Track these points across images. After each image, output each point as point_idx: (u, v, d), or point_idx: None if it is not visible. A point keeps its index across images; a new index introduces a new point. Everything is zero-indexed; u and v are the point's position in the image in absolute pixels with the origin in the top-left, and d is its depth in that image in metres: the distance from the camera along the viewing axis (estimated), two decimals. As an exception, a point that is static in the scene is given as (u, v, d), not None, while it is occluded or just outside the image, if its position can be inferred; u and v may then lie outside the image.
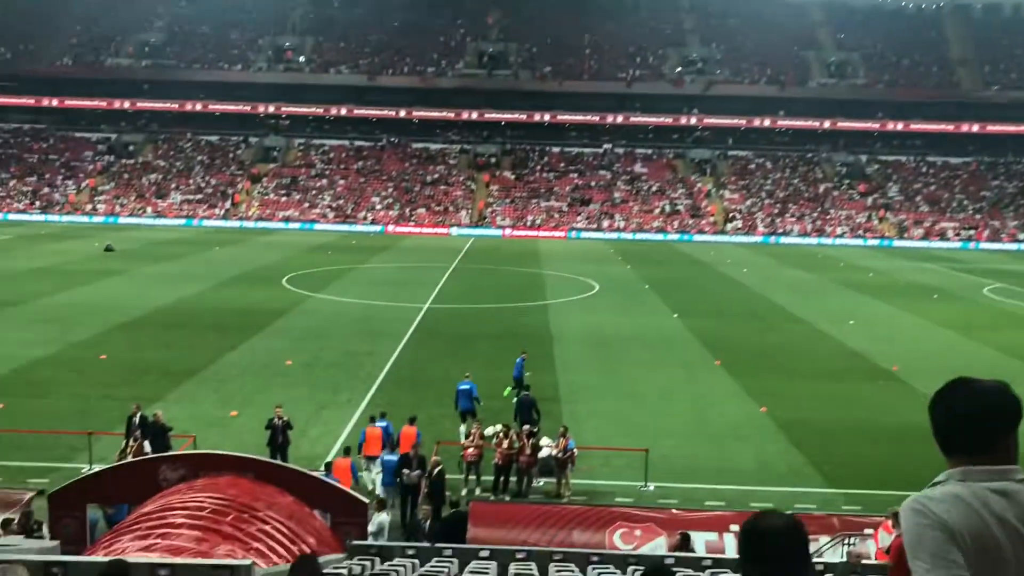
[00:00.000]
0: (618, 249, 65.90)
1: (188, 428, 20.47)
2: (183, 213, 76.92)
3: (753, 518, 2.82)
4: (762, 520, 2.79)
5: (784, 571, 2.71)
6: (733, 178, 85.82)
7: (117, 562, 4.66)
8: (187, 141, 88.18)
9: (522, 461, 17.83)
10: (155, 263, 49.61)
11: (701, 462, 20.01)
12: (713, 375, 27.65)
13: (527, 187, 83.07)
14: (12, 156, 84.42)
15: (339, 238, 68.30)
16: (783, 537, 2.73)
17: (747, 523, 2.81)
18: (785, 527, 2.75)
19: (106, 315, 33.88)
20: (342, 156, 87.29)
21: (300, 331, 32.31)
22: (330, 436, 20.72)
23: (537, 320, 35.87)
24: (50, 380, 24.89)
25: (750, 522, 2.80)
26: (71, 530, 12.95)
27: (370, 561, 10.60)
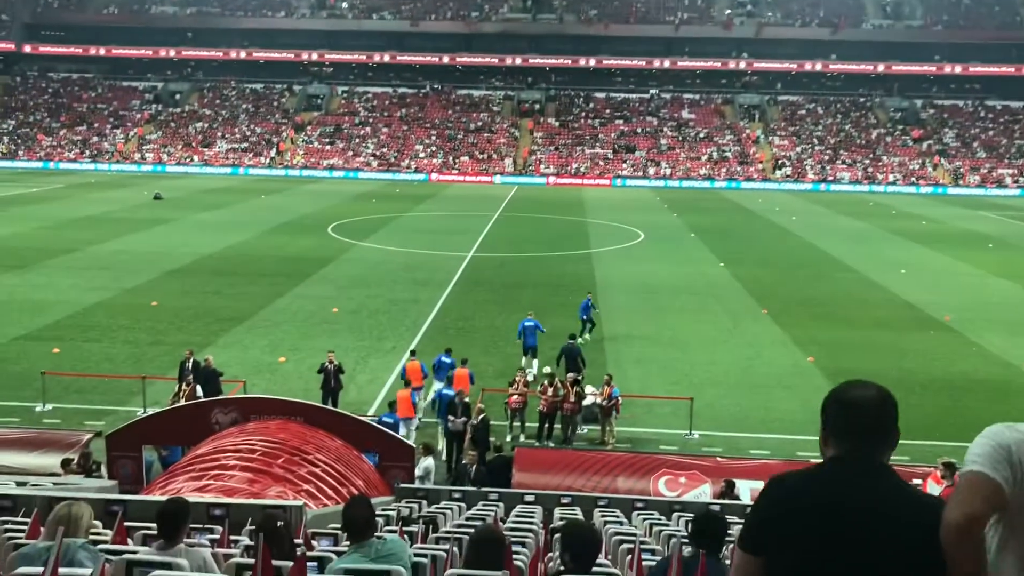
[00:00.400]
0: (664, 197, 65.13)
1: (238, 373, 20.86)
2: (229, 162, 77.55)
3: (843, 387, 2.67)
4: (854, 390, 2.64)
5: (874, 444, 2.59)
6: (783, 124, 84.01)
7: (177, 500, 4.75)
8: (232, 89, 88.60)
9: (566, 408, 17.90)
10: (203, 211, 50.22)
11: (746, 411, 19.92)
12: (759, 324, 27.38)
13: (571, 134, 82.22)
14: (62, 105, 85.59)
15: (383, 186, 68.43)
16: (875, 408, 2.60)
17: (838, 393, 2.66)
18: (878, 397, 2.61)
19: (156, 262, 34.47)
20: (385, 104, 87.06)
21: (346, 279, 32.58)
22: (377, 383, 20.96)
23: (582, 269, 35.73)
24: (104, 325, 25.45)
25: (840, 392, 2.66)
26: (128, 470, 13.34)
27: (417, 504, 10.76)
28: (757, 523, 2.60)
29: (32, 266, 33.28)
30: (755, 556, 2.55)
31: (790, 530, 2.50)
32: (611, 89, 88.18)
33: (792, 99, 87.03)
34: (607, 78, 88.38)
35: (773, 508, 2.58)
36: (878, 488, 2.54)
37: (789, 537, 2.49)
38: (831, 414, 2.66)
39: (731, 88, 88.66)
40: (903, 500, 2.55)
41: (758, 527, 2.58)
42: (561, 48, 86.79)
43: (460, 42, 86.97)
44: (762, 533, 2.56)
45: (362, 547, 4.64)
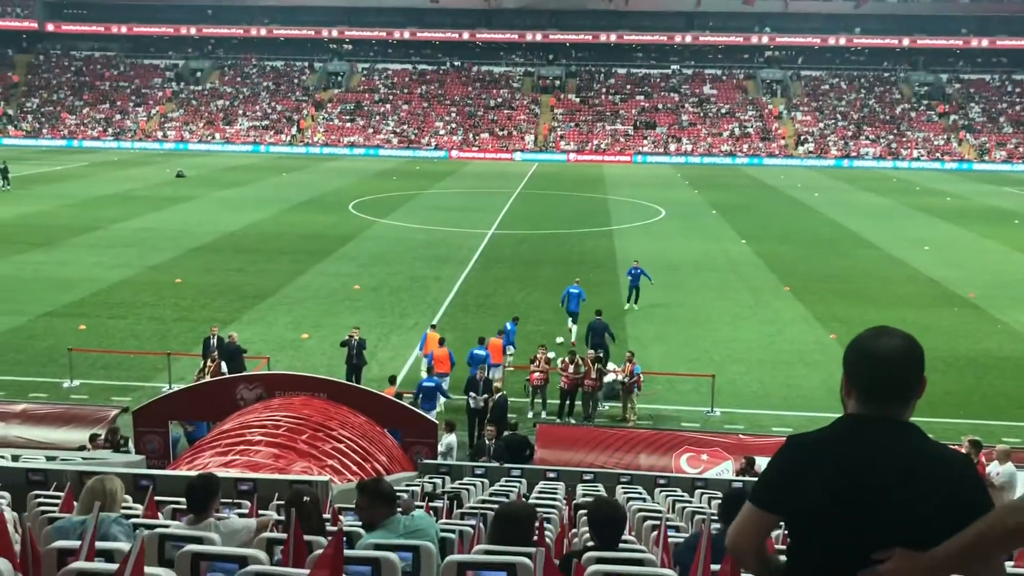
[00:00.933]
0: (685, 173, 64.73)
1: (261, 349, 21.04)
2: (250, 139, 77.77)
3: (867, 336, 2.54)
4: (879, 340, 2.51)
5: (899, 398, 2.50)
6: (805, 99, 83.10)
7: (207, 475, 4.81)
8: (252, 67, 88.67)
9: (587, 385, 17.93)
10: (225, 189, 50.45)
11: (768, 388, 19.88)
12: (781, 301, 27.24)
13: (592, 110, 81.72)
14: (85, 84, 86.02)
15: (403, 163, 68.41)
16: (901, 360, 2.48)
17: (861, 343, 2.53)
18: (904, 347, 2.50)
19: (179, 239, 34.72)
20: (405, 80, 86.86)
21: (367, 256, 32.68)
22: (399, 360, 21.07)
23: (602, 245, 35.65)
24: (128, 302, 25.70)
25: (864, 342, 2.53)
26: (155, 445, 13.52)
27: (441, 479, 10.84)
28: (776, 480, 2.54)
29: (57, 244, 33.60)
30: (768, 512, 2.53)
31: (811, 489, 2.45)
32: (632, 65, 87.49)
33: (815, 74, 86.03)
34: (628, 54, 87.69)
35: (794, 465, 2.51)
36: (902, 445, 2.48)
37: (809, 496, 2.44)
38: (854, 365, 2.56)
39: (753, 63, 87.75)
40: (928, 457, 2.47)
41: (777, 484, 2.53)
42: (581, 24, 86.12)
43: (480, 18, 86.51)
44: (780, 490, 2.51)
45: (390, 523, 4.69)
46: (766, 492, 2.55)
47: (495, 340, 19.30)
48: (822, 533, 2.44)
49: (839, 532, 2.42)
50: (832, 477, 2.42)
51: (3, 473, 8.37)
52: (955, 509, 2.37)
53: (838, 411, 7.55)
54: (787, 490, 2.48)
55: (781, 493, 2.50)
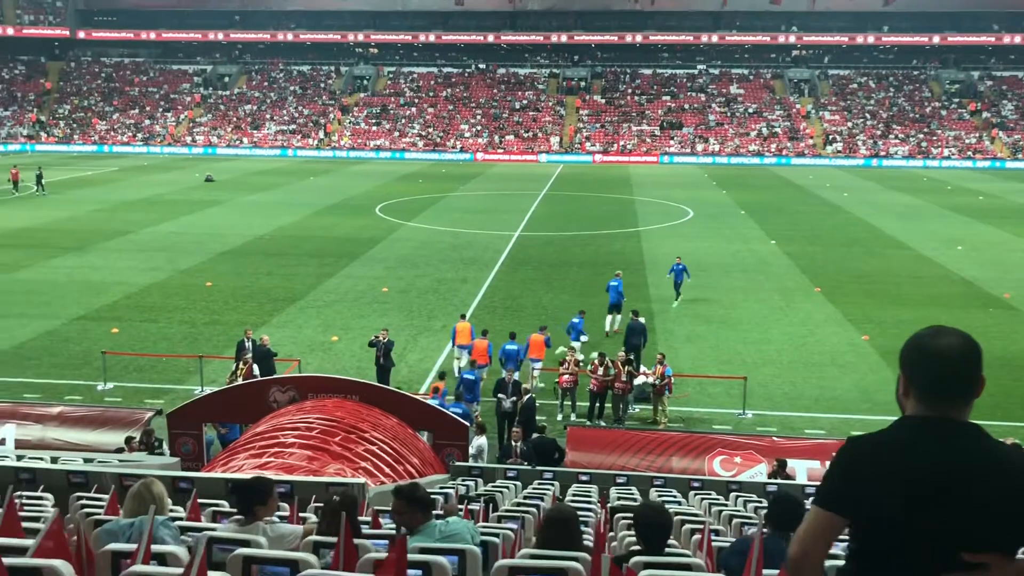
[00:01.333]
0: (712, 174, 64.37)
1: (292, 352, 21.16)
2: (278, 143, 78.36)
3: (927, 335, 2.52)
4: (939, 339, 2.50)
5: (959, 398, 2.48)
6: (834, 98, 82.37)
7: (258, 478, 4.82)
8: (279, 72, 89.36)
9: (617, 387, 17.84)
10: (253, 192, 50.85)
11: (800, 390, 19.70)
12: (812, 302, 27.00)
13: (618, 111, 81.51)
14: (115, 90, 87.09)
15: (429, 166, 68.61)
16: (961, 359, 2.47)
17: (921, 341, 2.50)
18: (964, 346, 2.49)
19: (210, 243, 35.03)
20: (430, 84, 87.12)
21: (395, 259, 32.79)
22: (428, 361, 21.11)
23: (630, 247, 35.52)
24: (160, 306, 25.96)
25: (924, 340, 2.50)
26: (189, 448, 13.63)
27: (473, 482, 10.83)
28: (843, 482, 2.50)
29: (89, 248, 34.02)
30: (835, 515, 2.50)
31: (881, 491, 2.41)
32: (658, 65, 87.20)
33: (843, 73, 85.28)
34: (653, 54, 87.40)
35: (860, 467, 2.48)
36: (970, 446, 2.45)
37: (880, 498, 2.41)
38: (915, 365, 2.53)
39: (780, 63, 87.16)
40: (996, 456, 2.45)
41: (844, 486, 2.50)
42: (606, 24, 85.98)
43: (505, 20, 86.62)
44: (848, 492, 2.48)
45: (426, 528, 4.68)
46: (834, 494, 2.51)
47: (536, 336, 19.59)
48: (894, 536, 2.41)
49: (912, 535, 2.39)
50: (903, 480, 2.39)
51: (45, 475, 8.48)
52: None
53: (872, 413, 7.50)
54: (855, 492, 2.45)
55: (849, 495, 2.47)
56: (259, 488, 4.72)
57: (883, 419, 17.99)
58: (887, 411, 18.48)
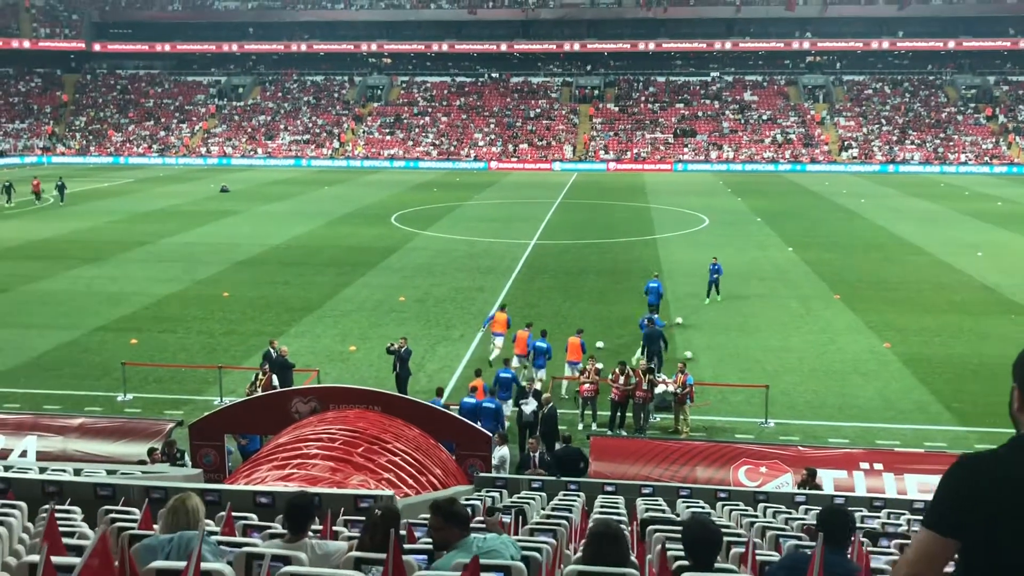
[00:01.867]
0: (727, 181, 64.17)
1: (310, 362, 21.15)
2: (292, 153, 78.64)
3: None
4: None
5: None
6: (848, 104, 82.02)
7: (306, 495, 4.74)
8: (293, 82, 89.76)
9: (639, 396, 17.72)
10: (268, 203, 51.02)
11: (822, 398, 19.51)
12: (832, 309, 26.80)
13: (631, 119, 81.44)
14: (130, 102, 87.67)
15: (443, 175, 68.69)
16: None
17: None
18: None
19: (226, 253, 35.12)
20: (444, 93, 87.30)
21: (411, 268, 32.78)
22: (446, 371, 21.05)
23: (646, 255, 35.40)
24: (178, 316, 26.01)
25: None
26: (211, 459, 13.59)
27: (498, 493, 10.74)
28: (952, 503, 2.40)
29: (108, 259, 34.16)
30: (945, 537, 2.40)
31: (990, 511, 2.31)
32: (671, 73, 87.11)
33: (858, 79, 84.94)
34: (666, 61, 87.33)
35: (974, 489, 2.37)
36: None
37: (989, 519, 2.31)
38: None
39: (794, 69, 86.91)
40: None
41: (953, 507, 2.39)
42: (619, 32, 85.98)
43: (517, 29, 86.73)
44: (957, 514, 2.38)
45: (463, 544, 4.58)
46: (946, 517, 2.41)
47: (573, 339, 19.75)
48: (1009, 560, 2.30)
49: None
50: (1020, 503, 2.28)
51: (71, 488, 8.44)
52: None
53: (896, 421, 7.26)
54: (968, 516, 2.34)
55: (962, 519, 2.36)
56: (312, 505, 4.65)
57: (908, 427, 17.82)
58: (911, 419, 18.31)
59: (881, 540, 8.04)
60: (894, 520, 10.23)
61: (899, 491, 13.01)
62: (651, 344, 20.28)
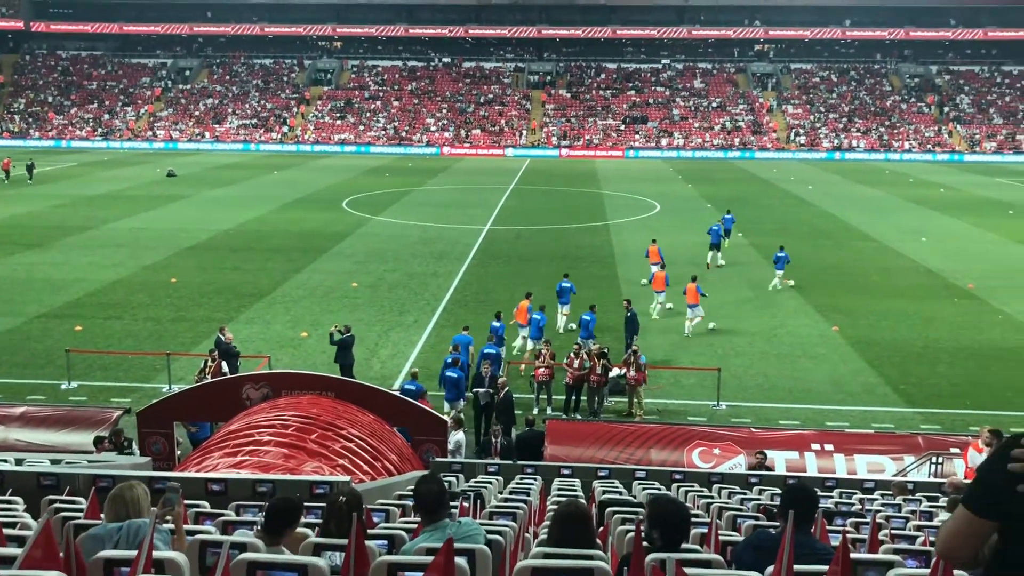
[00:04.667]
0: (678, 168, 64.65)
1: (261, 348, 20.82)
2: (240, 138, 77.30)
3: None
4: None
5: None
6: (796, 92, 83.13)
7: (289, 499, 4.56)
8: (241, 65, 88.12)
9: (593, 380, 17.77)
10: (216, 187, 50.09)
11: (773, 381, 19.78)
12: (781, 294, 27.15)
13: (583, 105, 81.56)
14: (72, 83, 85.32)
15: (395, 160, 68.14)
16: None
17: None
18: None
19: (173, 239, 34.40)
20: (395, 77, 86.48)
21: (363, 253, 32.45)
22: (400, 357, 20.88)
23: (599, 240, 35.51)
24: (124, 303, 25.41)
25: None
26: (160, 447, 13.30)
27: (454, 478, 10.68)
28: (994, 485, 2.35)
29: (50, 244, 33.25)
30: (984, 518, 2.37)
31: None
32: (622, 60, 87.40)
33: (805, 67, 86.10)
34: (618, 48, 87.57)
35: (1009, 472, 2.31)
36: None
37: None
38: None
39: (744, 57, 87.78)
40: None
41: (995, 489, 2.35)
42: (572, 19, 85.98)
43: (470, 14, 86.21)
44: (999, 496, 2.33)
45: (437, 528, 4.48)
46: (982, 499, 2.37)
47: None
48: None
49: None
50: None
51: (13, 478, 8.17)
52: None
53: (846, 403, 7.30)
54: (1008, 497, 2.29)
55: (999, 499, 2.32)
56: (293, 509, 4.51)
57: (856, 409, 18.15)
58: (860, 401, 18.65)
59: (836, 519, 8.14)
60: (846, 500, 10.39)
61: (849, 471, 13.24)
62: (633, 327, 20.73)
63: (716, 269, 30.47)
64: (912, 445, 13.78)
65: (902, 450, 13.57)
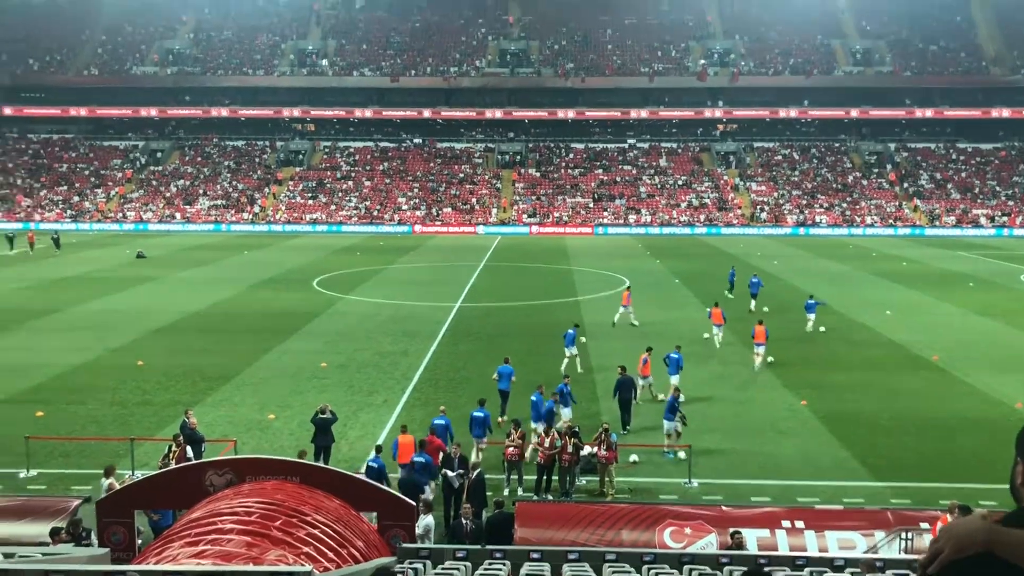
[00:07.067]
0: (646, 244, 65.50)
1: (227, 432, 20.52)
2: (211, 218, 77.40)
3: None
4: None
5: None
6: (760, 170, 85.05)
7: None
8: (213, 147, 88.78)
9: (564, 459, 17.65)
10: (186, 268, 49.91)
11: (743, 457, 19.76)
12: (749, 368, 27.31)
13: (552, 184, 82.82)
14: (42, 166, 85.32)
15: (367, 239, 68.45)
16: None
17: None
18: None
19: (141, 321, 34.09)
20: (367, 158, 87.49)
21: (333, 333, 32.32)
22: (369, 438, 20.64)
23: (570, 316, 35.55)
24: (89, 387, 25.02)
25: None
26: (120, 537, 12.96)
27: (421, 564, 10.49)
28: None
29: (14, 328, 32.79)
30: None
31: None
32: (589, 140, 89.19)
33: (768, 145, 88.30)
34: (585, 128, 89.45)
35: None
36: None
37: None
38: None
39: (708, 136, 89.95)
40: None
41: None
42: (539, 101, 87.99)
43: (440, 97, 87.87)
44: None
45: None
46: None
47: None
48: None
49: None
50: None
51: (-37, 574, 7.91)
52: None
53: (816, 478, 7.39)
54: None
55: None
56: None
57: (826, 484, 18.12)
58: (830, 476, 18.64)
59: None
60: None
61: (820, 548, 13.16)
62: (624, 392, 20.82)
63: (704, 342, 30.54)
64: (882, 520, 13.76)
65: (872, 526, 13.54)
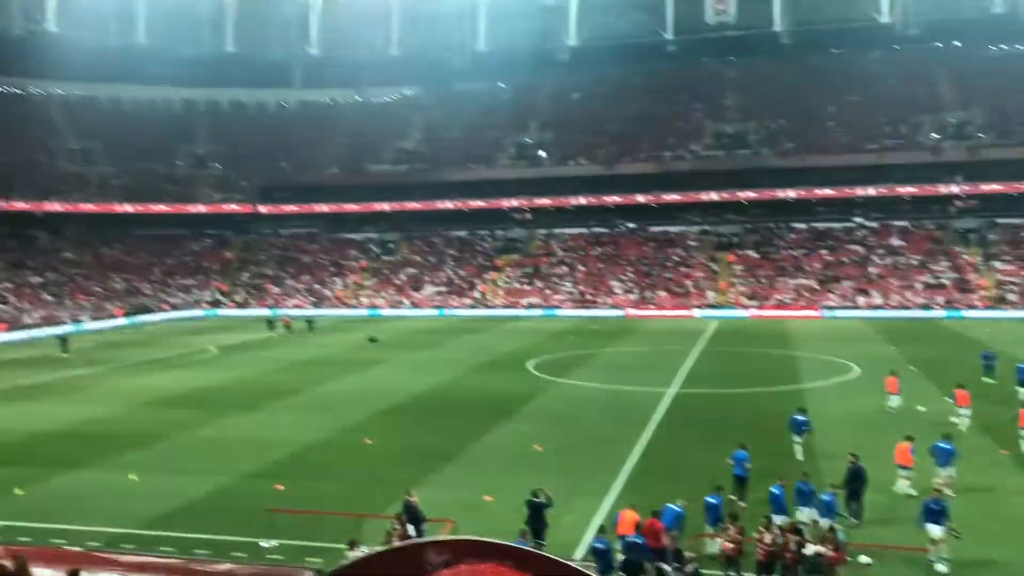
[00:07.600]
0: (877, 328, 61.61)
1: (446, 511, 21.05)
2: (436, 303, 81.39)
3: None
4: None
5: None
6: (1005, 248, 78.20)
7: None
8: (438, 237, 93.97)
9: (787, 558, 16.64)
10: (413, 351, 52.52)
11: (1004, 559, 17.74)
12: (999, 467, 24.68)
13: (773, 265, 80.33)
14: (290, 259, 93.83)
15: (580, 323, 69.12)
16: None
17: None
18: None
19: (371, 401, 36.10)
20: (581, 243, 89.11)
21: (547, 416, 32.66)
22: (583, 524, 20.49)
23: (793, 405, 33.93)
24: (322, 463, 26.66)
25: None
26: (346, 610, 13.48)
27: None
28: None
29: (265, 406, 35.68)
30: None
31: None
32: (812, 219, 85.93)
33: (1014, 221, 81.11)
34: (808, 208, 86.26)
35: None
36: None
37: None
38: None
39: (944, 213, 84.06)
40: None
41: None
42: (758, 182, 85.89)
43: (655, 181, 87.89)
44: None
45: None
46: None
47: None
48: None
49: None
50: None
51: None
52: None
53: None
54: None
55: None
56: None
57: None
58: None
59: None
60: None
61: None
62: (856, 483, 19.74)
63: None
64: None
65: None
